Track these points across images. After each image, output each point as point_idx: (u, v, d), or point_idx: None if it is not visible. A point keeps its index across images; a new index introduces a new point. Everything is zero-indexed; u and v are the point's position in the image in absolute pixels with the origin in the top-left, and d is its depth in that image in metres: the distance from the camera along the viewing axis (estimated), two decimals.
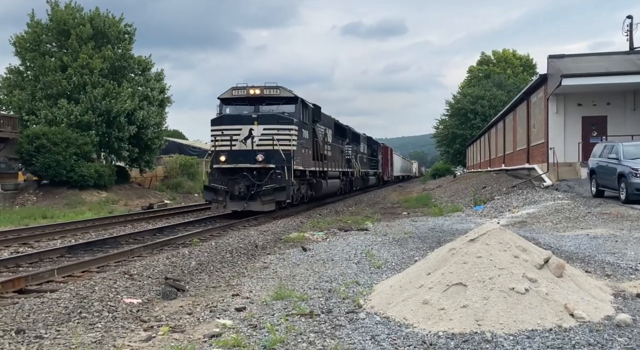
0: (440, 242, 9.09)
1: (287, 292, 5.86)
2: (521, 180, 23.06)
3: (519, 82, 53.04)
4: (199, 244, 10.29)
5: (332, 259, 8.16)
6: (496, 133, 36.69)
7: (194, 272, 8.00)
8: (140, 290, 6.71)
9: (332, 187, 23.74)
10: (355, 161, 29.47)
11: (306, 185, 19.63)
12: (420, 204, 22.18)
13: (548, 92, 21.34)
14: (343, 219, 15.70)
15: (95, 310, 5.71)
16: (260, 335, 4.42)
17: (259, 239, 11.48)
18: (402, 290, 5.26)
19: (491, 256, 5.02)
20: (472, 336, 4.17)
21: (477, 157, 48.86)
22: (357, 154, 30.72)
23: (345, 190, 28.63)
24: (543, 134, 22.23)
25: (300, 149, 17.45)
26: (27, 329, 4.98)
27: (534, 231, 10.87)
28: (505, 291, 4.61)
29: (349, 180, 28.79)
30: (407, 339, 4.21)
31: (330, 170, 22.83)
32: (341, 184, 26.55)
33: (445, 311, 4.56)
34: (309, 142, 19.12)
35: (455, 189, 28.41)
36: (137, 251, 8.84)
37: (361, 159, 32.41)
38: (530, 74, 55.24)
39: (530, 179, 21.99)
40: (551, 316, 4.44)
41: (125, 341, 4.58)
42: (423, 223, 13.36)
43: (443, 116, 58.70)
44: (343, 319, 4.87)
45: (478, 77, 59.74)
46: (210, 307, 5.64)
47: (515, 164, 28.86)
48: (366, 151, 35.87)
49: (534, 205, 15.54)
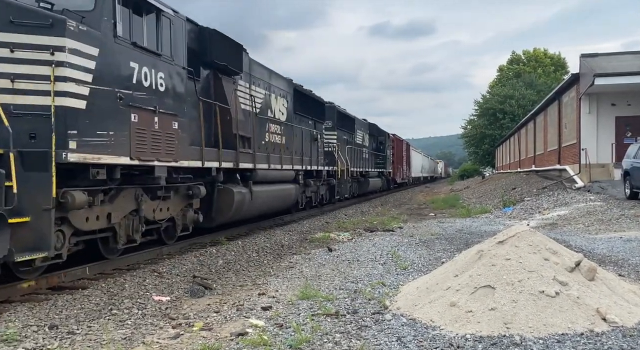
0: (468, 244, 8.98)
1: (313, 292, 5.87)
2: (552, 181, 22.62)
3: (550, 81, 51.99)
4: (226, 243, 10.39)
5: (358, 260, 8.14)
6: (526, 133, 36.07)
7: (221, 270, 8.09)
8: (169, 288, 6.82)
9: (271, 199, 12.73)
10: (342, 155, 20.50)
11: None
12: (447, 205, 21.94)
13: (580, 91, 20.87)
14: (369, 220, 15.64)
15: (125, 307, 5.82)
16: (286, 335, 4.44)
17: (285, 239, 11.54)
18: (429, 292, 5.21)
19: (520, 258, 4.93)
20: (500, 339, 4.11)
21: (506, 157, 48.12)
22: (349, 145, 22.26)
23: (317, 199, 18.16)
24: (575, 135, 21.75)
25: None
26: (60, 325, 5.11)
27: (565, 233, 10.65)
28: (535, 294, 4.53)
29: (327, 185, 19.11)
30: (433, 341, 4.17)
31: (262, 167, 11.90)
32: (301, 190, 15.72)
33: (473, 313, 4.50)
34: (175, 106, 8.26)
35: (484, 190, 28.03)
36: (166, 250, 8.97)
37: (355, 153, 23.45)
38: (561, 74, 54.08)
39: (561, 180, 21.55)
40: (582, 320, 4.34)
41: (154, 338, 4.66)
42: (450, 224, 13.21)
43: (472, 116, 57.97)
44: (369, 319, 4.85)
45: (508, 76, 58.78)
46: (237, 305, 5.69)
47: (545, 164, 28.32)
48: (366, 143, 26.81)
49: (565, 207, 15.22)
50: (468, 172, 62.33)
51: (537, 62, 59.98)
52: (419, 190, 40.55)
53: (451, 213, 17.96)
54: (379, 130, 31.13)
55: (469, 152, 62.13)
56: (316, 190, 17.64)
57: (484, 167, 60.26)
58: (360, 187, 25.49)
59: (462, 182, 49.13)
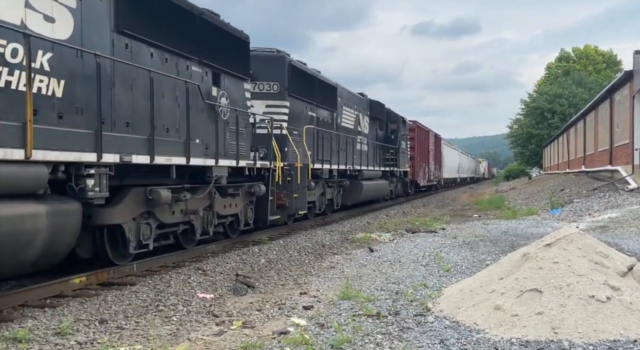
0: (514, 246, 8.75)
1: (354, 292, 5.86)
2: (603, 182, 21.79)
3: (601, 79, 50.06)
4: (268, 242, 10.51)
5: (400, 261, 8.07)
6: (575, 133, 34.88)
7: (263, 269, 8.18)
8: (213, 286, 6.94)
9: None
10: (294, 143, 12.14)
11: None
12: (492, 206, 21.46)
13: (634, 89, 20.00)
14: (411, 221, 15.48)
15: (170, 303, 5.97)
16: (328, 335, 4.44)
17: (326, 239, 11.56)
18: (473, 294, 5.11)
19: (569, 262, 4.78)
20: (547, 344, 3.99)
21: (554, 158, 46.67)
22: (335, 130, 15.43)
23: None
24: (628, 134, 20.87)
25: None
26: (110, 320, 5.29)
27: (616, 237, 10.23)
28: (585, 299, 4.37)
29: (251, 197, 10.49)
30: (477, 345, 4.09)
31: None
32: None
33: (519, 317, 4.39)
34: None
35: (531, 192, 27.30)
36: (210, 248, 9.15)
37: (332, 141, 14.96)
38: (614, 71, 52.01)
39: (613, 182, 20.73)
40: (636, 327, 4.16)
41: (198, 334, 4.76)
42: (495, 226, 12.92)
43: (518, 115, 56.47)
44: (411, 321, 4.80)
45: (556, 74, 56.97)
46: (278, 304, 5.75)
47: (596, 165, 27.31)
48: (363, 128, 18.82)
49: (617, 209, 14.63)
50: (514, 172, 60.75)
51: (588, 60, 57.88)
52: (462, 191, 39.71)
53: (496, 214, 17.56)
54: (390, 114, 22.42)
55: (515, 152, 60.53)
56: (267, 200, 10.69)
57: (531, 167, 58.61)
58: (346, 194, 16.78)
59: (508, 183, 47.96)
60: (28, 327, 4.88)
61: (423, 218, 16.33)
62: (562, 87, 49.22)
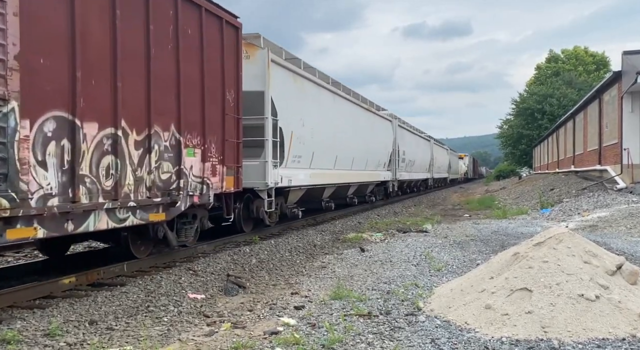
0: (504, 246, 8.81)
1: (346, 292, 5.87)
2: (592, 182, 21.97)
3: (591, 80, 50.47)
4: (260, 242, 10.49)
5: (391, 261, 8.09)
6: (565, 133, 35.14)
7: (254, 269, 8.16)
8: (204, 286, 6.92)
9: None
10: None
11: None
12: (482, 206, 21.57)
13: (622, 89, 20.19)
14: (402, 220, 15.52)
15: (161, 304, 5.94)
16: (319, 334, 4.45)
17: (317, 239, 11.55)
18: (464, 294, 5.14)
19: (559, 261, 4.81)
20: (537, 343, 4.02)
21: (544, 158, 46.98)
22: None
23: None
24: (617, 134, 21.06)
25: None
26: (99, 321, 5.26)
27: (605, 236, 10.33)
28: (574, 298, 4.41)
29: None
30: (468, 344, 4.11)
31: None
32: None
33: (509, 316, 4.42)
34: None
35: (521, 191, 27.45)
36: (201, 248, 9.11)
37: None
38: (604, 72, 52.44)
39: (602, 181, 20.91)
40: (624, 325, 4.20)
41: (189, 335, 4.74)
42: (486, 226, 12.99)
43: (508, 116, 56.81)
44: (402, 321, 4.81)
45: (546, 75, 57.35)
46: (270, 304, 5.74)
47: (585, 165, 27.53)
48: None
49: (606, 208, 14.75)
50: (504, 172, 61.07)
51: (578, 60, 58.33)
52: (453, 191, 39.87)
53: (487, 214, 17.65)
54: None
55: (505, 152, 60.89)
56: None
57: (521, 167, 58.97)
58: None
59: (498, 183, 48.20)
60: (17, 328, 4.83)
61: (414, 218, 16.38)
62: (552, 87, 49.57)
